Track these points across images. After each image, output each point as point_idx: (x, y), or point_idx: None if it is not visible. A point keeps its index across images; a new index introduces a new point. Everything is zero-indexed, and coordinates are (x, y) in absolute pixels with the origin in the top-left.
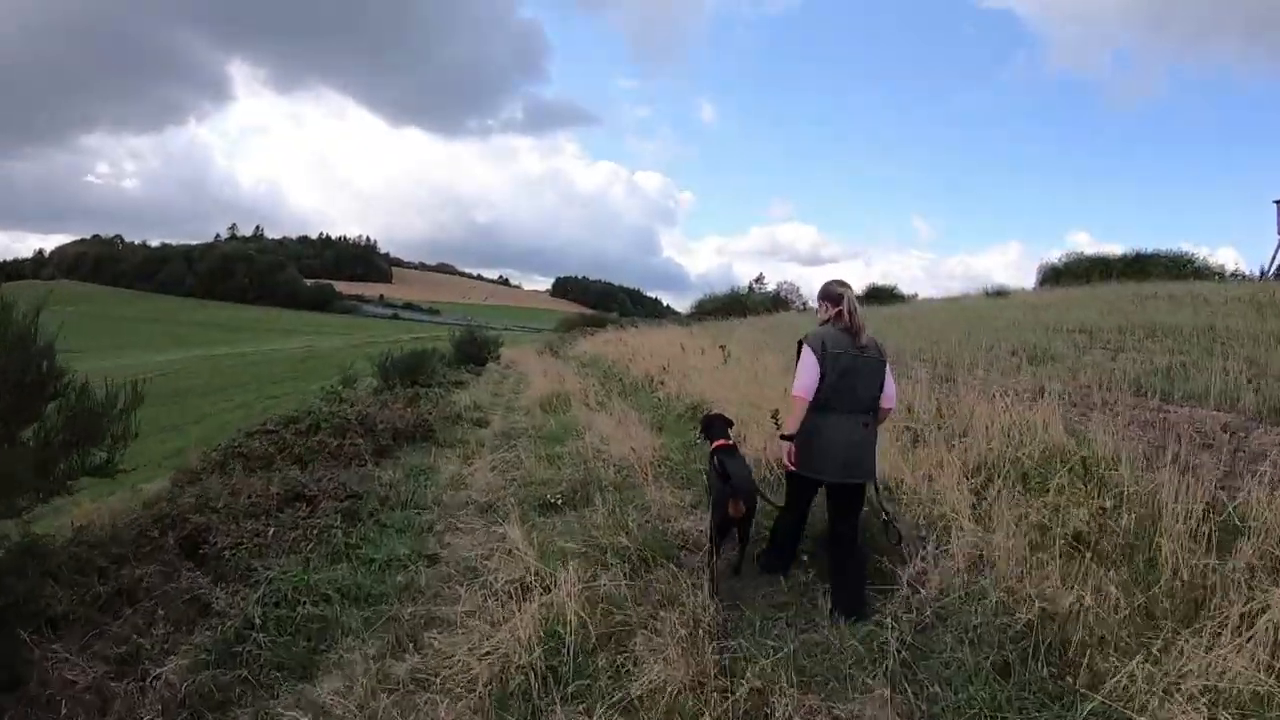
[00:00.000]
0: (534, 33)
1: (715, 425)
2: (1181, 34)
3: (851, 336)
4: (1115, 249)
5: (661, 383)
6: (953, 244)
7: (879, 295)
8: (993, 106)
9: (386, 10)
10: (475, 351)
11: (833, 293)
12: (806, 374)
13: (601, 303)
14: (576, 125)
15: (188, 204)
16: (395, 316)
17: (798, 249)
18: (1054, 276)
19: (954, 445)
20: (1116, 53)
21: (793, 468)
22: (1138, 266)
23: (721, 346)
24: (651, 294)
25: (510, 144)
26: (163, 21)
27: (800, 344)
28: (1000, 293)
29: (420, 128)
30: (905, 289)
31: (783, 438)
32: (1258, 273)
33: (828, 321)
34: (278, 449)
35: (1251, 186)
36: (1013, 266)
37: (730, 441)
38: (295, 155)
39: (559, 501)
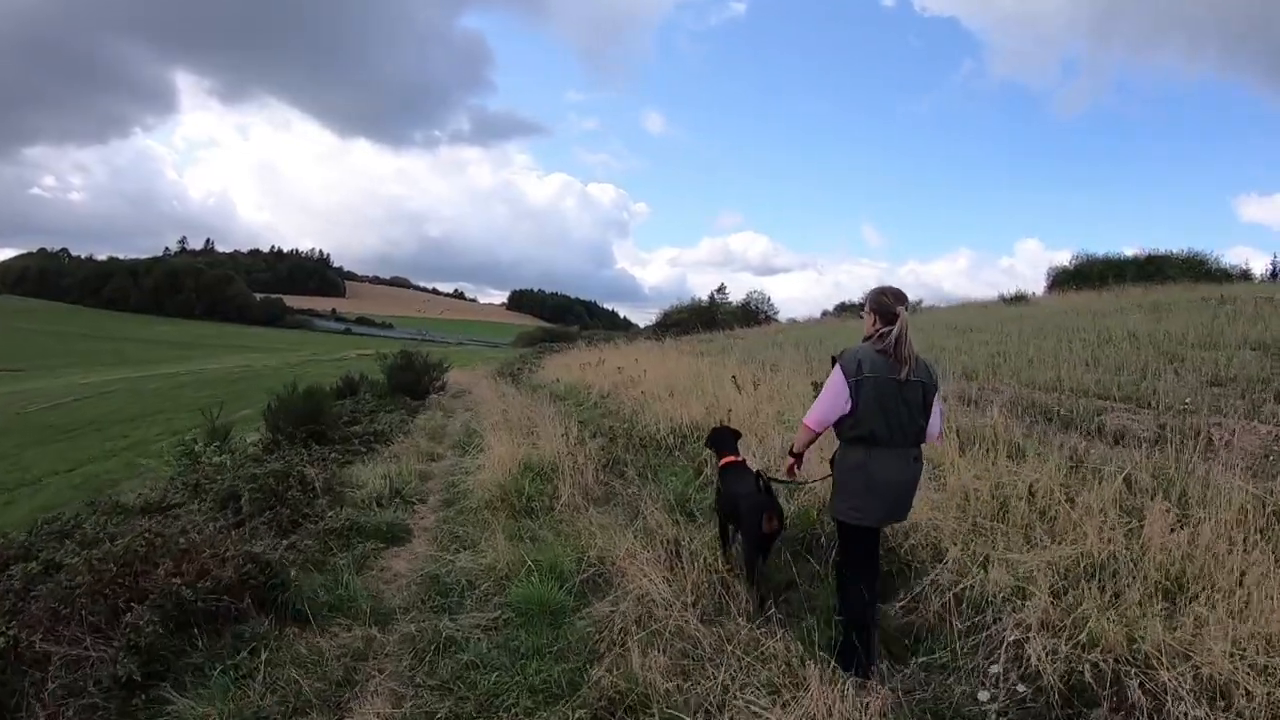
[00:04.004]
0: (476, 44)
1: (724, 438)
2: (1127, 40)
3: (893, 365)
4: (1067, 254)
5: None
6: (903, 252)
7: None
8: (940, 115)
9: (327, 20)
10: (412, 380)
11: (887, 310)
12: (825, 403)
13: (558, 315)
14: (524, 136)
15: (137, 217)
16: (348, 331)
17: (749, 259)
18: (1065, 280)
19: None
20: (1063, 59)
21: (790, 478)
22: (1152, 269)
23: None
24: (607, 306)
25: (459, 155)
26: (103, 32)
27: (834, 360)
28: (1019, 298)
29: (368, 139)
30: (859, 299)
31: (790, 453)
32: None
33: (871, 338)
34: None
35: (1200, 190)
36: (963, 274)
37: (740, 458)
38: (245, 168)
39: None
